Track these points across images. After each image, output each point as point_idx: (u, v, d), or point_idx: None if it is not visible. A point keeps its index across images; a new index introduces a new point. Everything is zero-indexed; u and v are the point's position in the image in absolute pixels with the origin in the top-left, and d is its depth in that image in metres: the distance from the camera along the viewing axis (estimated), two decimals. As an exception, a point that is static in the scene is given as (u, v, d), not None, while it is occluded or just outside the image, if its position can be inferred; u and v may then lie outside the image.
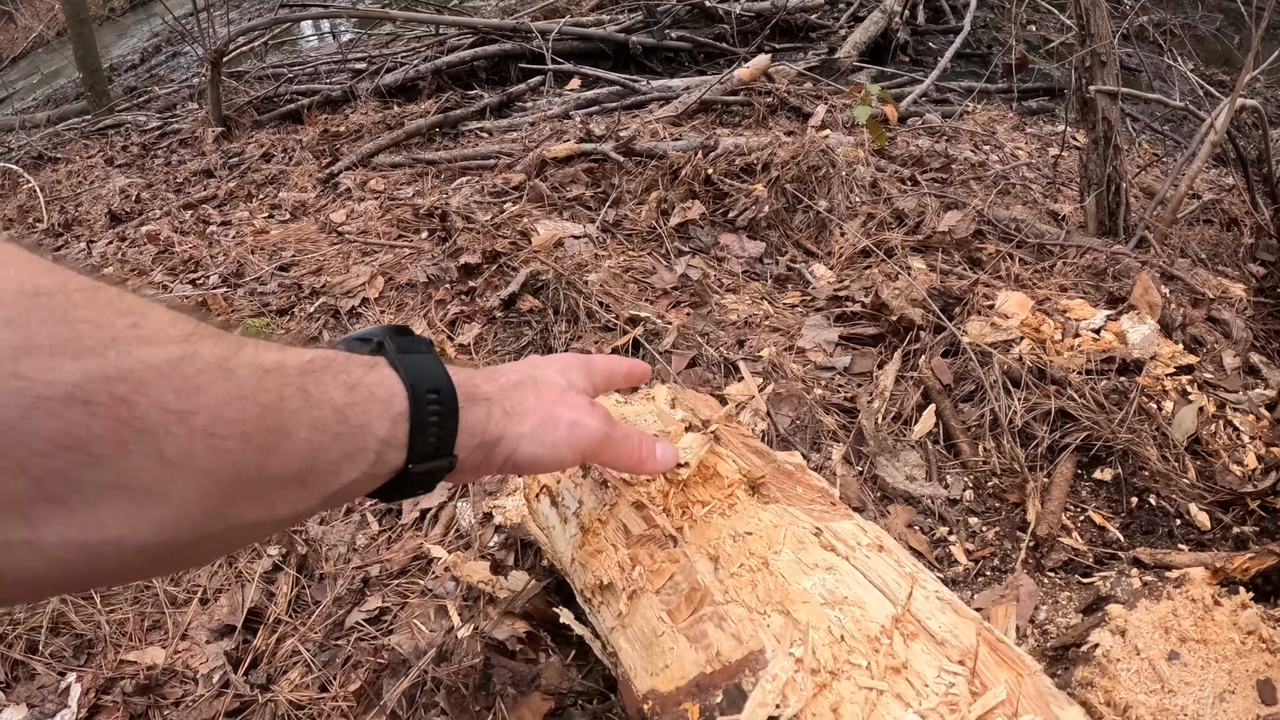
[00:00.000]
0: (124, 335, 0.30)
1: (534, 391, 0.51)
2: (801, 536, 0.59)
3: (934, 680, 0.48)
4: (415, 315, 1.37)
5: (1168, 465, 1.18)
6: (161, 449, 0.30)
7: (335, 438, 0.38)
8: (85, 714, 0.93)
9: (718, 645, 0.54)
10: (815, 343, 1.18)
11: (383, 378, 0.42)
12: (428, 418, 0.43)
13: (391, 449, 0.41)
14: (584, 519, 0.69)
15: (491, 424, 0.48)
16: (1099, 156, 1.88)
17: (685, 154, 1.66)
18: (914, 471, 1.03)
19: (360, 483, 0.41)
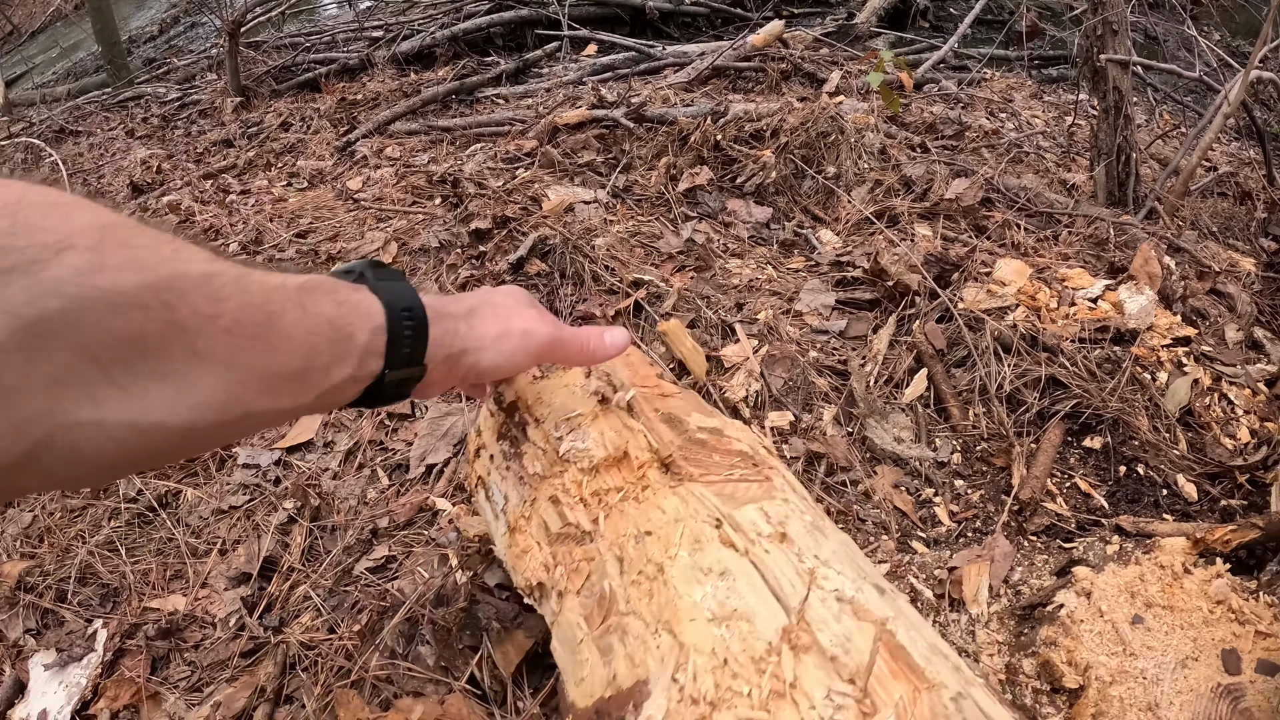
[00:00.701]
0: (169, 256, 0.38)
1: (491, 311, 0.59)
2: (700, 533, 0.57)
3: (821, 702, 0.45)
4: (427, 278, 1.41)
5: (1158, 436, 1.20)
6: (195, 344, 0.38)
7: (328, 342, 0.45)
8: (110, 657, 0.97)
9: (616, 666, 0.53)
10: (812, 306, 1.21)
11: (365, 296, 0.49)
12: (402, 330, 0.50)
13: (371, 355, 0.49)
14: (510, 517, 0.69)
15: (457, 338, 0.56)
16: (1109, 126, 1.87)
17: (695, 120, 1.67)
18: (902, 434, 1.06)
19: (346, 385, 0.48)
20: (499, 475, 0.73)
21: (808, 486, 0.98)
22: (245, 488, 1.27)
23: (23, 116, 3.74)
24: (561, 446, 0.66)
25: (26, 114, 3.77)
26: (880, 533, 0.94)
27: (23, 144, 3.30)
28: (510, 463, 0.72)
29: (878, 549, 0.92)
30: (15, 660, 1.01)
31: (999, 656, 0.80)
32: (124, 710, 0.92)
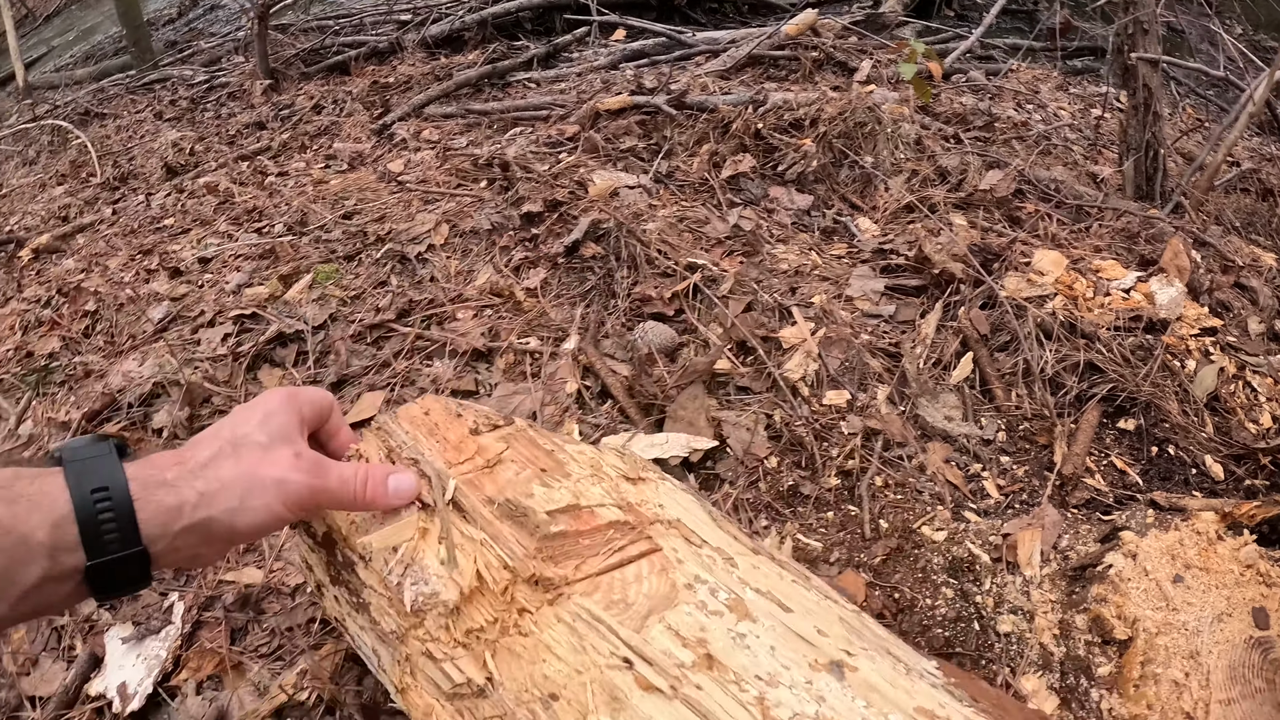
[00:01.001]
0: None
1: (232, 460, 0.51)
2: (612, 686, 0.49)
3: None
4: (480, 260, 1.45)
5: (1187, 419, 1.26)
6: None
7: (1, 550, 0.42)
8: (189, 629, 0.97)
9: None
10: (862, 292, 1.26)
11: (47, 485, 0.45)
12: (98, 515, 0.45)
13: (64, 551, 0.44)
14: (393, 678, 0.59)
15: (186, 508, 0.48)
16: (1138, 123, 1.91)
17: (736, 108, 1.72)
18: (952, 412, 1.11)
19: (49, 585, 0.44)
20: (356, 627, 0.63)
21: (865, 461, 1.03)
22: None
23: (44, 99, 3.76)
24: (405, 597, 0.56)
25: (50, 96, 3.78)
26: (936, 503, 0.99)
27: (49, 126, 3.32)
28: (359, 614, 0.62)
29: (934, 517, 0.97)
30: (88, 635, 1.01)
31: (1053, 614, 0.86)
32: (207, 680, 0.92)
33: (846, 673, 0.48)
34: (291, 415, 0.55)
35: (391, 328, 1.33)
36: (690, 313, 1.23)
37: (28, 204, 2.74)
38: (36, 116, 3.48)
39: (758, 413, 1.08)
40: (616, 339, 1.20)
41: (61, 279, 2.03)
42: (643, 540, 0.57)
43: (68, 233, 2.33)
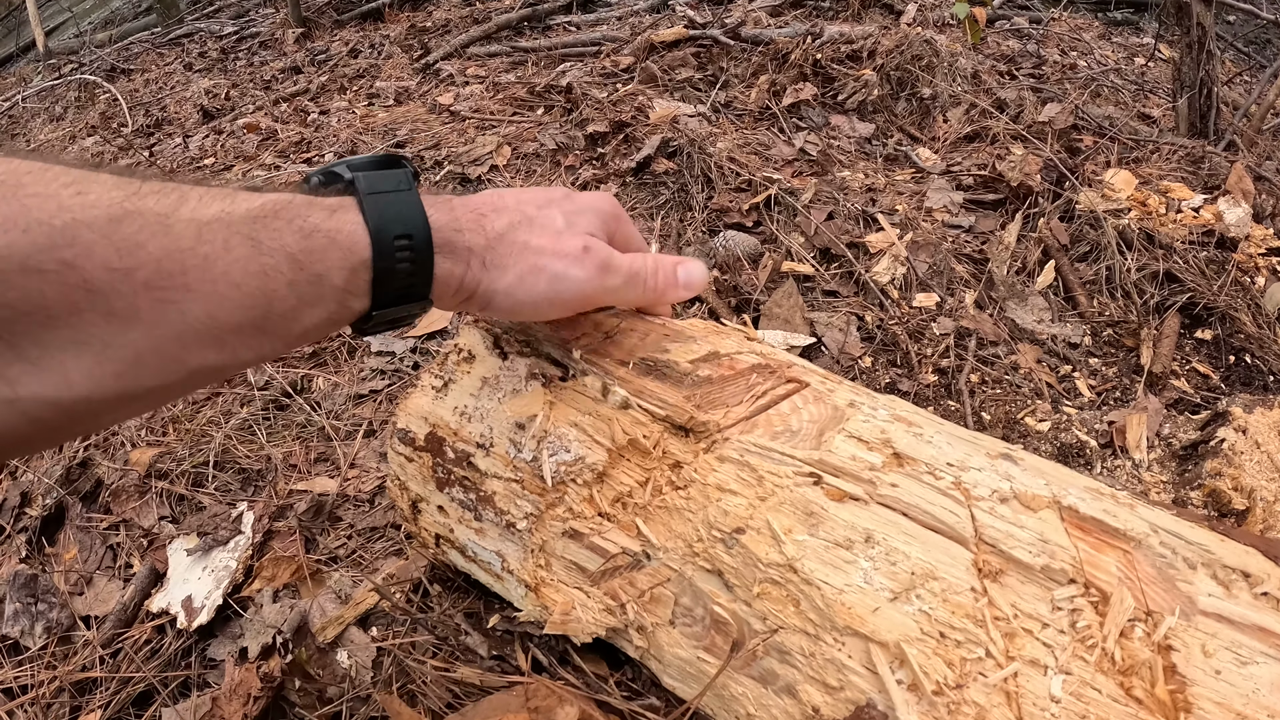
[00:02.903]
0: (69, 203, 0.31)
1: (524, 238, 0.46)
2: (803, 503, 0.47)
3: (1053, 618, 0.41)
4: (546, 180, 1.44)
5: (1261, 331, 1.26)
6: (111, 305, 0.32)
7: (289, 285, 0.37)
8: (260, 538, 0.93)
9: (802, 695, 0.44)
10: (942, 203, 1.25)
11: (344, 223, 0.39)
12: (395, 266, 0.41)
13: (353, 296, 0.40)
14: (522, 576, 0.55)
15: (469, 277, 0.45)
16: (1192, 60, 1.90)
17: (793, 40, 1.70)
18: (1042, 314, 1.10)
19: (325, 325, 0.40)
20: (470, 531, 0.58)
21: (960, 360, 1.03)
22: (382, 373, 1.26)
23: (73, 59, 3.72)
24: (544, 470, 0.52)
25: (76, 57, 3.75)
26: (1035, 397, 0.99)
27: (75, 83, 3.29)
28: (479, 511, 0.57)
29: (1036, 410, 0.97)
30: (146, 551, 0.96)
31: (1166, 493, 0.86)
32: (284, 589, 0.88)
33: (1018, 461, 0.48)
34: (601, 224, 0.50)
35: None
36: (769, 223, 1.22)
37: (58, 155, 2.72)
38: (62, 75, 3.44)
39: (848, 314, 1.08)
40: (698, 246, 1.19)
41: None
42: (786, 381, 0.55)
43: (103, 177, 2.31)
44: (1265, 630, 0.40)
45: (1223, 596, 0.41)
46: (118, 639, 0.83)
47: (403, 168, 0.44)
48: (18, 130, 3.10)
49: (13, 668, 0.82)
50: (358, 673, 0.76)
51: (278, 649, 0.76)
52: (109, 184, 0.33)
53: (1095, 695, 0.39)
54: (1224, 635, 0.40)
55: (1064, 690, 0.39)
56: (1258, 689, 0.38)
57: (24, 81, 3.69)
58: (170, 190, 0.35)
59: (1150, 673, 0.39)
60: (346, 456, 1.08)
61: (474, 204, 0.46)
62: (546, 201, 0.48)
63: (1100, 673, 0.39)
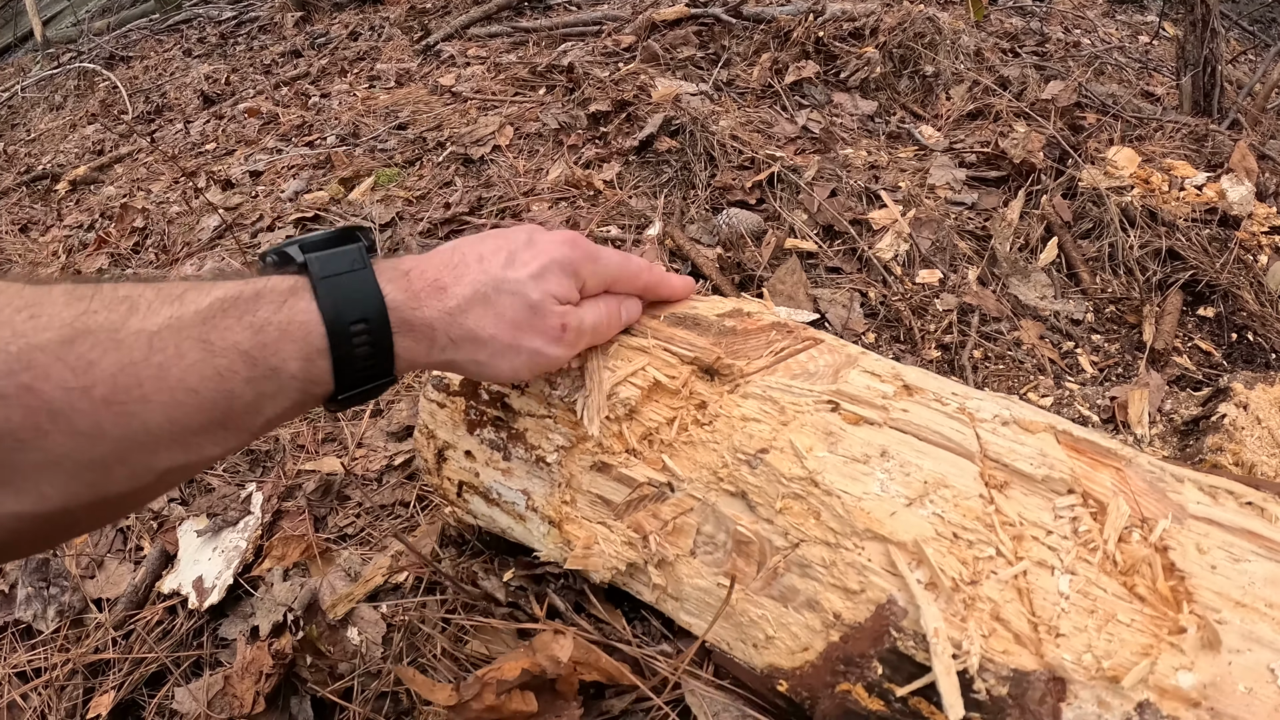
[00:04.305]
0: (22, 328, 0.32)
1: (493, 314, 0.45)
2: (823, 425, 0.49)
3: (1055, 525, 0.43)
4: (549, 159, 1.44)
5: (1263, 309, 1.26)
6: (73, 424, 0.33)
7: (246, 382, 0.37)
8: (270, 518, 0.93)
9: (824, 604, 0.46)
10: (944, 180, 1.25)
11: (297, 313, 0.39)
12: (353, 350, 0.40)
13: (315, 384, 0.40)
14: (546, 512, 0.57)
15: (435, 352, 0.45)
16: (1196, 39, 1.89)
17: (796, 17, 1.69)
18: (1044, 291, 1.11)
19: (291, 411, 0.41)
20: (496, 472, 0.60)
21: (963, 336, 1.03)
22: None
23: (71, 48, 3.70)
24: (578, 406, 0.54)
25: (74, 46, 3.72)
26: (1037, 373, 0.99)
27: (74, 71, 3.28)
28: (509, 449, 0.59)
29: (1038, 385, 0.97)
30: (156, 533, 0.97)
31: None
32: (293, 568, 0.89)
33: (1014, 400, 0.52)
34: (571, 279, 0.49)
35: (465, 220, 1.32)
36: (772, 200, 1.22)
37: (59, 144, 2.72)
38: (61, 64, 3.42)
39: (851, 290, 1.08)
40: (701, 224, 1.19)
41: (104, 204, 2.01)
42: (804, 337, 0.58)
43: (104, 164, 2.31)
44: (1254, 533, 0.42)
45: (1211, 505, 0.44)
46: (129, 620, 0.84)
47: (357, 242, 0.43)
48: (17, 120, 3.09)
49: (26, 651, 0.83)
50: (368, 649, 0.77)
51: (289, 627, 0.77)
52: (60, 302, 0.34)
53: (1100, 593, 0.41)
54: (1216, 536, 0.42)
55: (1071, 588, 0.41)
56: (1253, 582, 0.40)
57: (23, 71, 3.67)
58: (120, 301, 0.35)
59: (1150, 569, 0.41)
60: (354, 436, 1.08)
61: (432, 271, 0.45)
62: (510, 257, 0.47)
63: (1104, 573, 0.42)
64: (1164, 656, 0.39)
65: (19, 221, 2.00)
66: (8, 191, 2.20)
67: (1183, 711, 0.38)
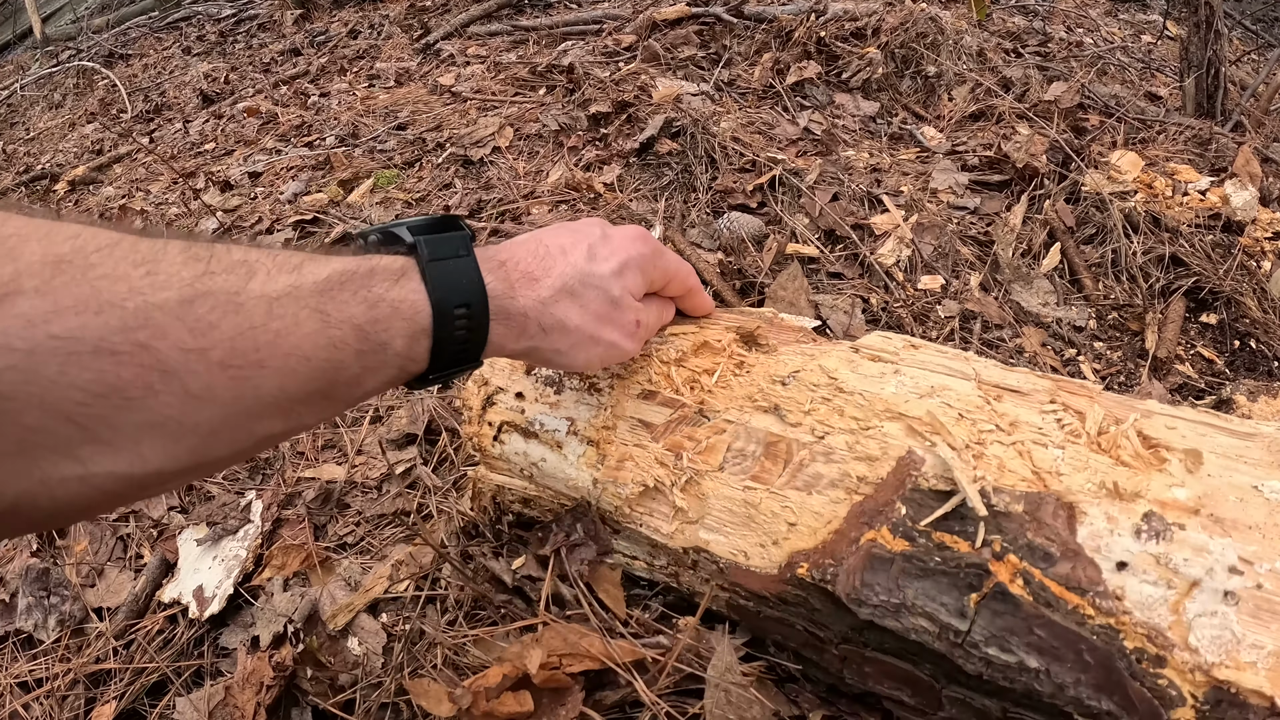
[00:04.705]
0: (139, 284, 0.32)
1: (579, 305, 0.48)
2: (845, 358, 0.56)
3: (1044, 422, 0.49)
4: (549, 161, 1.43)
5: (1267, 316, 1.25)
6: (186, 385, 0.32)
7: (356, 355, 0.38)
8: (269, 527, 0.93)
9: (847, 472, 0.51)
10: (947, 184, 1.24)
11: (407, 292, 0.41)
12: (453, 333, 0.42)
13: (413, 362, 0.42)
14: (587, 434, 0.61)
15: (523, 339, 0.47)
16: (1200, 40, 1.88)
17: (797, 16, 1.68)
18: (1047, 298, 1.10)
19: (384, 386, 0.42)
20: (544, 406, 0.64)
21: (965, 343, 1.03)
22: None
23: (70, 46, 3.68)
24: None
25: (73, 44, 3.71)
26: (1039, 380, 0.99)
27: (73, 69, 3.26)
28: (563, 382, 0.64)
29: (1040, 393, 0.97)
30: (156, 541, 0.97)
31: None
32: (294, 577, 0.88)
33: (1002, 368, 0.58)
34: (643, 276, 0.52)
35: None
36: (774, 204, 1.22)
37: (58, 143, 2.71)
38: (60, 62, 3.41)
39: (853, 297, 1.07)
40: (702, 228, 1.19)
41: (103, 205, 2.00)
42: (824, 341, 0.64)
43: (103, 164, 2.30)
44: (1215, 425, 0.48)
45: (1173, 410, 0.50)
46: (130, 630, 0.83)
47: (460, 230, 0.45)
48: (16, 119, 3.08)
49: (28, 661, 0.82)
50: (369, 659, 0.77)
51: (289, 638, 0.77)
52: (178, 261, 0.33)
53: (1090, 458, 0.47)
54: (1181, 424, 0.49)
55: (1065, 455, 0.47)
56: (1221, 445, 0.46)
57: (22, 69, 3.66)
58: (238, 265, 0.35)
59: (1129, 441, 0.47)
60: (354, 443, 1.07)
61: (523, 262, 0.47)
62: (590, 251, 0.49)
63: (1091, 451, 0.47)
64: (1156, 478, 0.45)
65: (17, 222, 1.99)
66: (7, 191, 2.19)
67: (1186, 518, 0.42)
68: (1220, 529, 0.42)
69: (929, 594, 0.45)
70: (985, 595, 0.44)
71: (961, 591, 0.44)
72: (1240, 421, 0.49)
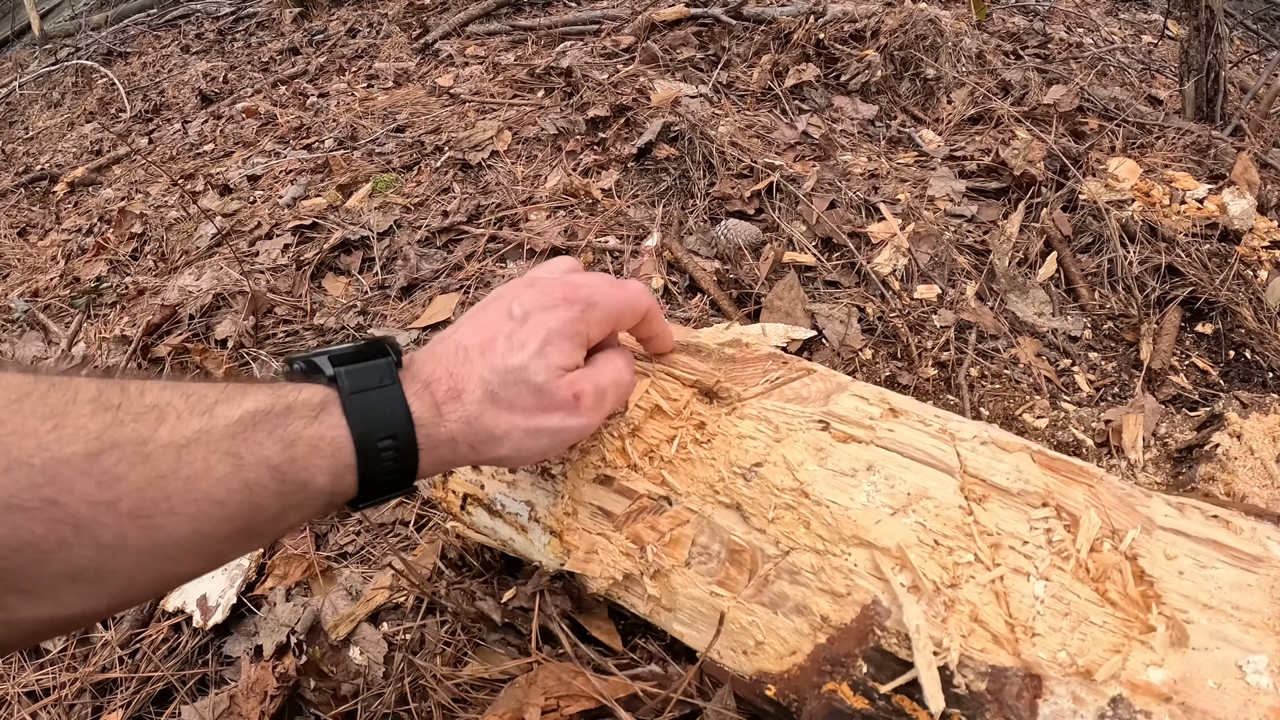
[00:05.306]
0: (46, 439, 0.32)
1: (505, 409, 0.45)
2: (813, 442, 0.52)
3: (1031, 535, 0.46)
4: (547, 165, 1.44)
5: (1262, 326, 1.26)
6: (97, 537, 0.33)
7: (274, 495, 0.38)
8: None
9: (812, 607, 0.48)
10: (944, 192, 1.25)
11: (326, 429, 0.40)
12: (380, 466, 0.41)
13: (339, 495, 0.41)
14: (548, 523, 0.59)
15: (461, 458, 0.46)
16: (1200, 44, 1.88)
17: (796, 18, 1.68)
18: (1042, 308, 1.11)
19: (311, 517, 0.42)
20: (502, 485, 0.62)
21: (960, 353, 1.04)
22: (386, 363, 1.28)
23: (68, 43, 3.67)
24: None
25: (67, 43, 3.69)
26: (1033, 393, 1.00)
27: (72, 68, 3.25)
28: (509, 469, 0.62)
29: (1034, 406, 0.98)
30: None
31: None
32: (296, 587, 0.89)
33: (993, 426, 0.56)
34: (573, 340, 0.48)
35: (463, 230, 1.32)
36: (771, 211, 1.22)
37: (57, 143, 2.70)
38: (59, 60, 3.40)
39: (849, 306, 1.08)
40: (700, 235, 1.19)
41: (102, 208, 2.01)
42: (797, 368, 0.61)
43: (103, 165, 2.30)
44: (1219, 543, 0.45)
45: (1178, 517, 0.46)
46: (136, 639, 0.84)
47: (385, 356, 0.44)
48: (15, 117, 3.07)
49: (35, 670, 0.83)
50: (370, 668, 0.78)
51: (292, 648, 0.78)
52: (86, 412, 0.34)
53: (1074, 597, 0.44)
54: (1183, 545, 0.45)
55: (1046, 593, 0.44)
56: (1219, 587, 0.43)
57: (20, 67, 3.65)
58: (149, 411, 0.35)
59: (1121, 575, 0.44)
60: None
61: (445, 379, 0.45)
62: (508, 340, 0.46)
63: (1077, 579, 0.44)
64: (1135, 653, 0.42)
65: (17, 225, 1.99)
66: (6, 193, 2.19)
67: (1155, 706, 0.40)
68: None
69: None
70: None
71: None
72: (1250, 535, 0.46)
